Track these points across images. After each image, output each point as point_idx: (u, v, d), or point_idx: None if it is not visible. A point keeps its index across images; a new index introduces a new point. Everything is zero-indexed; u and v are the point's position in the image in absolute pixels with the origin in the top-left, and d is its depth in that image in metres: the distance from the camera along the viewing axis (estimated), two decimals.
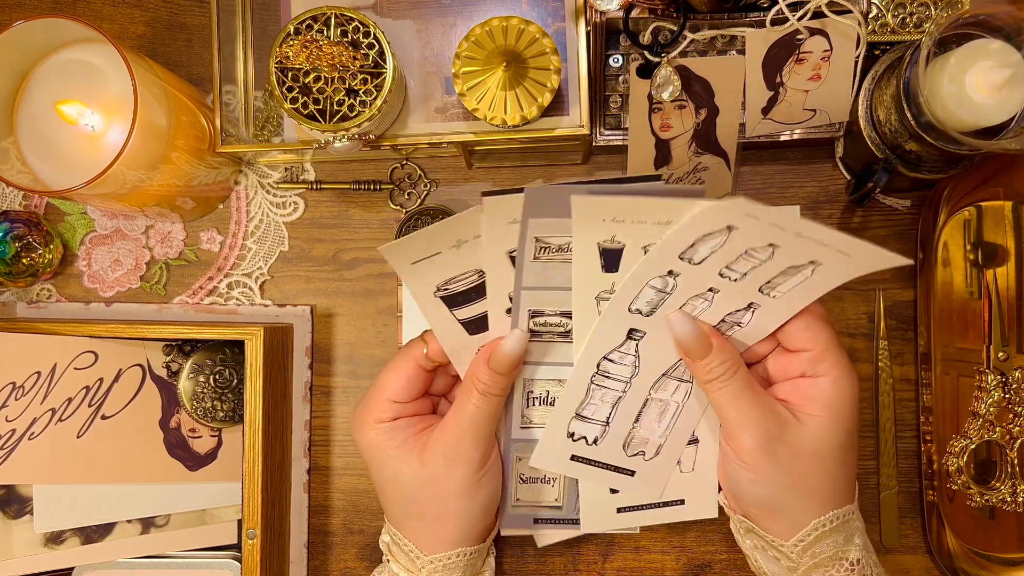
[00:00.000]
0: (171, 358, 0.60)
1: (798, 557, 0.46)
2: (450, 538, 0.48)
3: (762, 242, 0.43)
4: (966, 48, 0.49)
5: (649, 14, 0.54)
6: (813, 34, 0.53)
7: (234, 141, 0.57)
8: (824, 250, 0.42)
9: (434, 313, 0.47)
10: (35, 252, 0.60)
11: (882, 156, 0.56)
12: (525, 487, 0.53)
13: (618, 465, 0.51)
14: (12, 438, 0.55)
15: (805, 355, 0.46)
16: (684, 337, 0.46)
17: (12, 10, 0.64)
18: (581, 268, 0.46)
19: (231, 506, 0.61)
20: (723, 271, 0.45)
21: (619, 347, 0.48)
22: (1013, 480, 0.57)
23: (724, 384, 0.46)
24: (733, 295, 0.46)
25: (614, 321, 0.47)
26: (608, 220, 0.43)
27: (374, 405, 0.48)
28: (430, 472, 0.47)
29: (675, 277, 0.45)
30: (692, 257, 0.44)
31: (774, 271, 0.44)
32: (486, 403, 0.47)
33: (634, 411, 0.50)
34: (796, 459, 0.45)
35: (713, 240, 0.43)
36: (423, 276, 0.45)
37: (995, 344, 0.57)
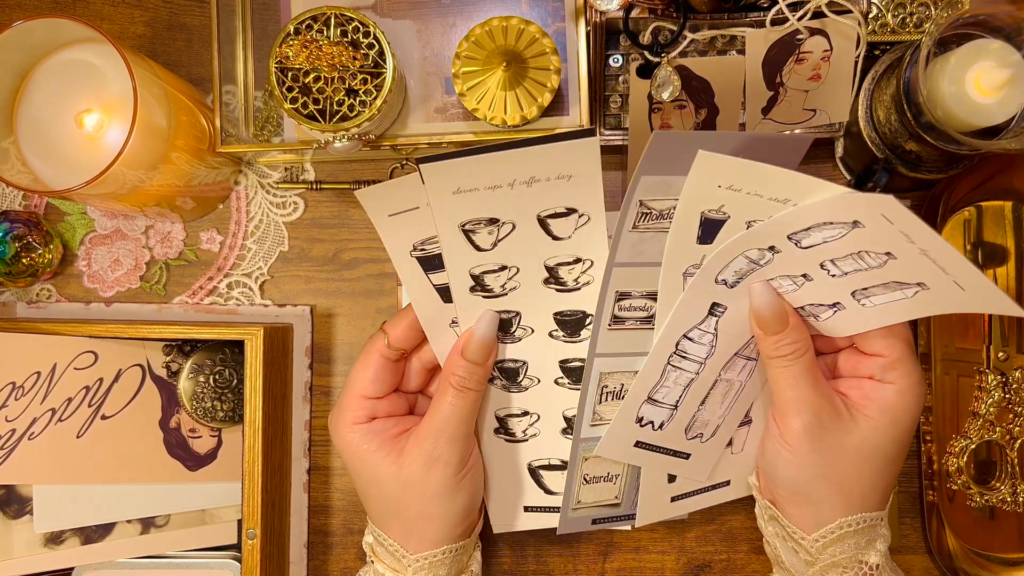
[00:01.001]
0: (171, 358, 0.60)
1: (817, 553, 0.46)
2: (433, 537, 0.48)
3: (881, 248, 0.42)
4: (966, 48, 0.49)
5: (649, 14, 0.54)
6: (813, 34, 0.53)
7: (234, 141, 0.57)
8: (940, 277, 0.42)
9: (409, 275, 0.46)
10: (35, 252, 0.60)
11: (882, 156, 0.56)
12: (587, 488, 0.52)
13: (677, 449, 0.51)
14: (12, 438, 0.55)
15: (879, 360, 0.46)
16: (764, 308, 0.46)
17: (12, 10, 0.64)
18: (676, 237, 0.44)
19: (231, 506, 0.61)
20: (825, 263, 0.44)
21: (700, 324, 0.47)
22: (1013, 480, 0.57)
23: (790, 363, 0.45)
24: (824, 289, 0.45)
25: (699, 294, 0.46)
26: (724, 187, 0.42)
27: (347, 405, 0.48)
28: (408, 476, 0.47)
29: (774, 254, 0.44)
30: (801, 240, 0.43)
31: (877, 280, 0.44)
32: (462, 399, 0.46)
33: (702, 393, 0.49)
34: (839, 453, 0.45)
35: (831, 230, 0.42)
36: (399, 231, 0.44)
37: (995, 344, 0.57)
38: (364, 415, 0.48)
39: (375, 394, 0.48)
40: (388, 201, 0.43)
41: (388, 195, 0.42)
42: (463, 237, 0.45)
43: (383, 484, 0.48)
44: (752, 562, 0.61)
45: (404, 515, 0.48)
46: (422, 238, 0.45)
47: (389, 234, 0.44)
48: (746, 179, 0.42)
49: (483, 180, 0.43)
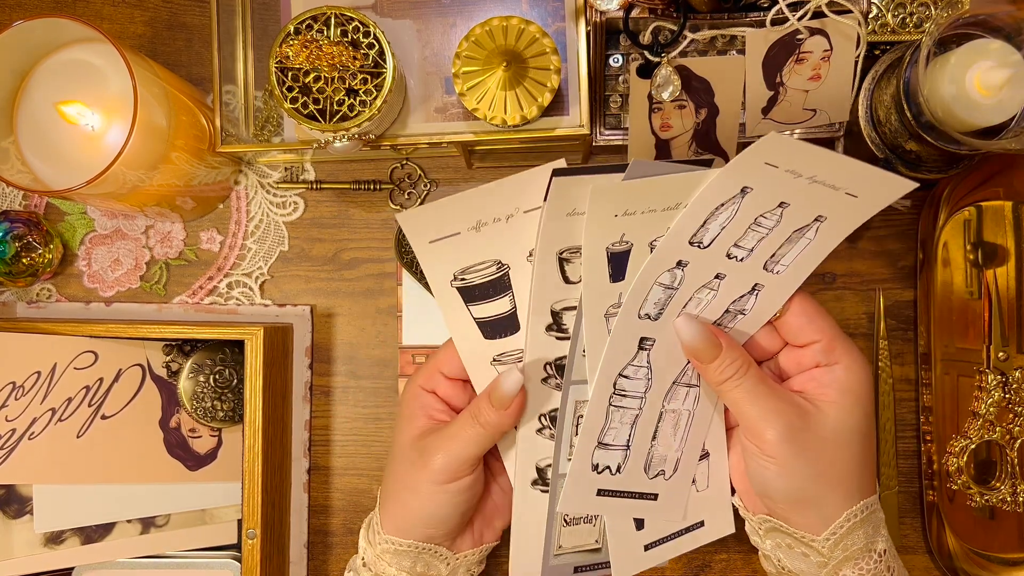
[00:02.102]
0: (171, 358, 0.60)
1: (830, 551, 0.46)
2: (401, 526, 0.48)
3: (773, 202, 0.43)
4: (966, 48, 0.49)
5: (649, 14, 0.54)
6: (813, 34, 0.53)
7: (234, 141, 0.57)
8: (834, 198, 0.43)
9: (450, 308, 0.45)
10: (35, 252, 0.60)
11: (882, 156, 0.56)
12: (568, 531, 0.51)
13: (642, 491, 0.50)
14: (12, 438, 0.55)
15: (816, 346, 0.47)
16: (693, 340, 0.46)
17: (12, 10, 0.64)
18: (589, 280, 0.44)
19: (231, 506, 0.61)
20: (731, 251, 0.45)
21: (632, 360, 0.47)
22: (1013, 480, 0.57)
23: (738, 382, 0.46)
24: (739, 279, 0.46)
25: (625, 332, 0.46)
26: (620, 215, 0.42)
27: (424, 371, 0.50)
28: (409, 456, 0.48)
29: (683, 268, 0.45)
30: (702, 240, 0.44)
31: (780, 240, 0.45)
32: (481, 435, 0.46)
33: (651, 428, 0.49)
34: (821, 447, 0.45)
35: (725, 212, 0.43)
36: (440, 258, 0.43)
37: (995, 344, 0.57)
38: (430, 383, 0.49)
39: (449, 374, 0.49)
40: (430, 225, 0.41)
41: (430, 219, 0.41)
42: (557, 265, 0.44)
43: (397, 449, 0.49)
44: (752, 562, 0.61)
45: (393, 487, 0.49)
46: (463, 266, 0.43)
47: (430, 261, 0.43)
48: (637, 200, 0.42)
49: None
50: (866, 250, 0.61)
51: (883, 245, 0.61)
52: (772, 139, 0.40)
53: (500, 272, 0.44)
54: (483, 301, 0.45)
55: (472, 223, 0.42)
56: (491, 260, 0.44)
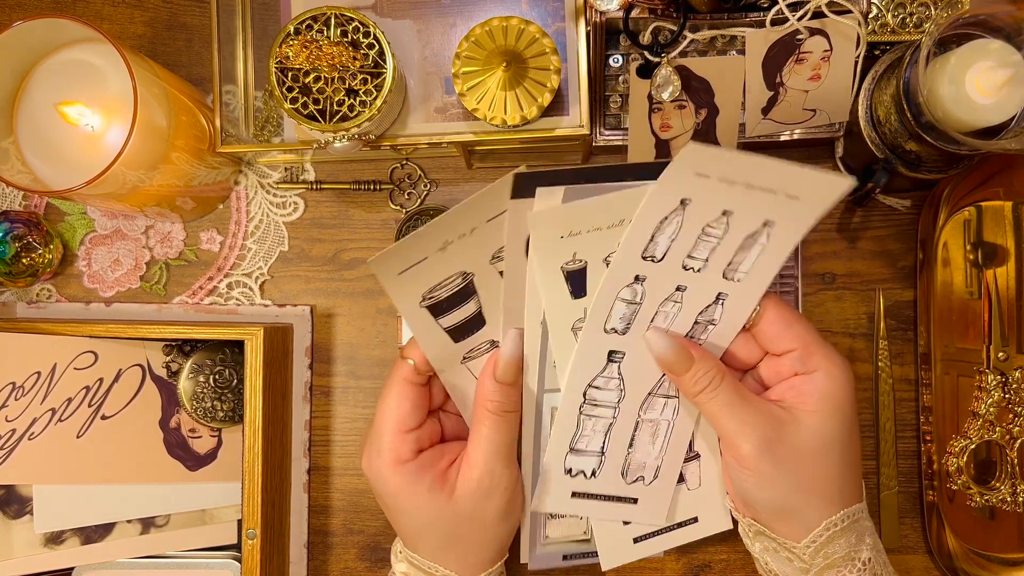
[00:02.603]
0: (171, 358, 0.60)
1: (811, 558, 0.46)
2: (490, 559, 0.48)
3: (715, 211, 0.42)
4: (966, 48, 0.49)
5: (649, 14, 0.54)
6: (813, 34, 0.53)
7: (234, 141, 0.57)
8: (774, 201, 0.42)
9: (420, 325, 0.46)
10: (35, 252, 0.60)
11: (882, 156, 0.56)
12: (554, 523, 0.52)
13: (620, 495, 0.50)
14: (12, 438, 0.55)
15: (794, 354, 0.46)
16: (664, 353, 0.46)
17: (12, 10, 0.64)
18: (551, 299, 0.45)
19: (231, 506, 0.61)
20: (686, 262, 0.45)
21: (602, 372, 0.47)
22: (1013, 480, 0.57)
23: (713, 394, 0.45)
24: (701, 289, 0.46)
25: (592, 346, 0.46)
26: (565, 236, 0.43)
27: (387, 443, 0.46)
28: (464, 510, 0.46)
29: (642, 283, 0.45)
30: (655, 254, 0.44)
31: (732, 247, 0.44)
32: (503, 422, 0.46)
33: (627, 436, 0.49)
34: (798, 457, 0.45)
35: (670, 226, 0.43)
36: (408, 287, 0.44)
37: (995, 344, 0.57)
38: (408, 451, 0.46)
39: (414, 425, 0.46)
40: (398, 261, 0.42)
41: (398, 254, 0.42)
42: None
43: (439, 523, 0.46)
44: (752, 562, 0.61)
45: (462, 546, 0.47)
46: (430, 286, 0.44)
47: (399, 292, 0.43)
48: (578, 221, 0.42)
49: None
50: (866, 250, 0.61)
51: (883, 245, 0.61)
52: (691, 149, 0.39)
53: (465, 281, 0.45)
54: (450, 311, 0.46)
55: (439, 245, 0.42)
56: (456, 273, 0.44)
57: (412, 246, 0.42)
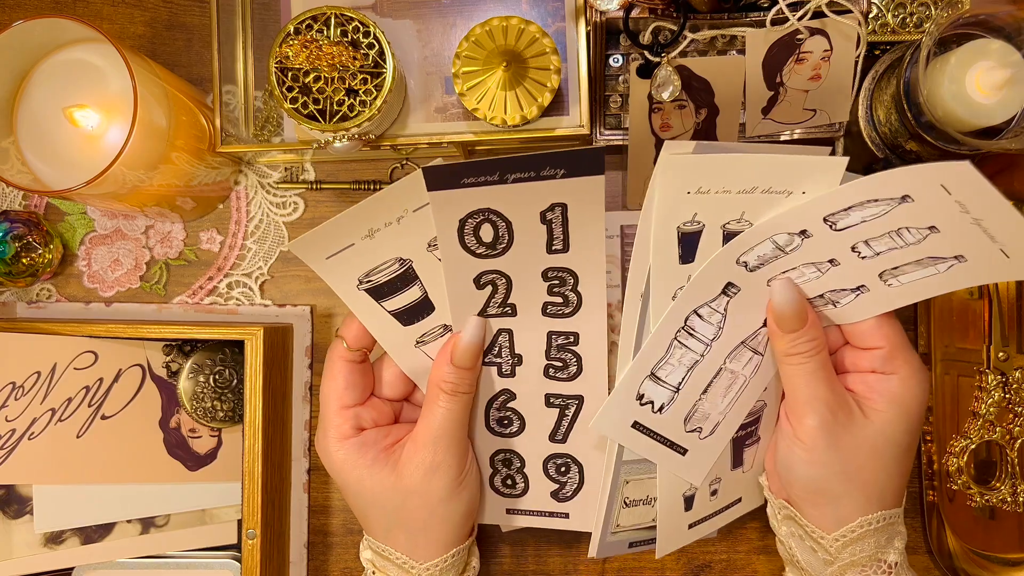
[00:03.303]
0: (171, 358, 0.60)
1: (837, 552, 0.46)
2: (442, 540, 0.48)
3: (926, 223, 0.42)
4: (966, 48, 0.49)
5: (649, 14, 0.54)
6: (813, 34, 0.53)
7: (234, 141, 0.57)
8: (985, 247, 0.41)
9: (362, 308, 0.46)
10: (35, 252, 0.60)
11: (882, 156, 0.56)
12: (627, 511, 0.51)
13: (674, 441, 0.49)
14: (12, 438, 0.55)
15: (877, 352, 0.46)
16: (785, 306, 0.45)
17: (12, 10, 0.64)
18: (659, 261, 0.44)
19: (231, 506, 0.61)
20: (858, 245, 0.44)
21: (711, 301, 0.46)
22: (1013, 480, 0.57)
23: (805, 361, 0.45)
24: (850, 273, 0.45)
25: (716, 271, 0.45)
26: (693, 192, 0.41)
27: (330, 422, 0.47)
28: (409, 486, 0.46)
29: (804, 238, 0.44)
30: (838, 222, 0.43)
31: (911, 257, 0.44)
32: (455, 403, 0.46)
33: (705, 380, 0.48)
34: (855, 448, 0.45)
35: (874, 208, 0.42)
36: (341, 270, 0.44)
37: (995, 344, 0.57)
38: (349, 427, 0.47)
39: (353, 401, 0.47)
40: (321, 245, 0.43)
41: (319, 239, 0.42)
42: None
43: (383, 498, 0.47)
44: (752, 562, 0.61)
45: (410, 525, 0.47)
46: (365, 270, 0.45)
47: (330, 275, 0.44)
48: (711, 177, 0.41)
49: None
50: None
51: None
52: (963, 169, 0.38)
53: (403, 267, 0.45)
54: (393, 295, 0.46)
55: (364, 232, 0.43)
56: (391, 259, 0.45)
57: (330, 233, 0.42)
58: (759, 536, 0.61)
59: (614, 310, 0.60)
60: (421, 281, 0.46)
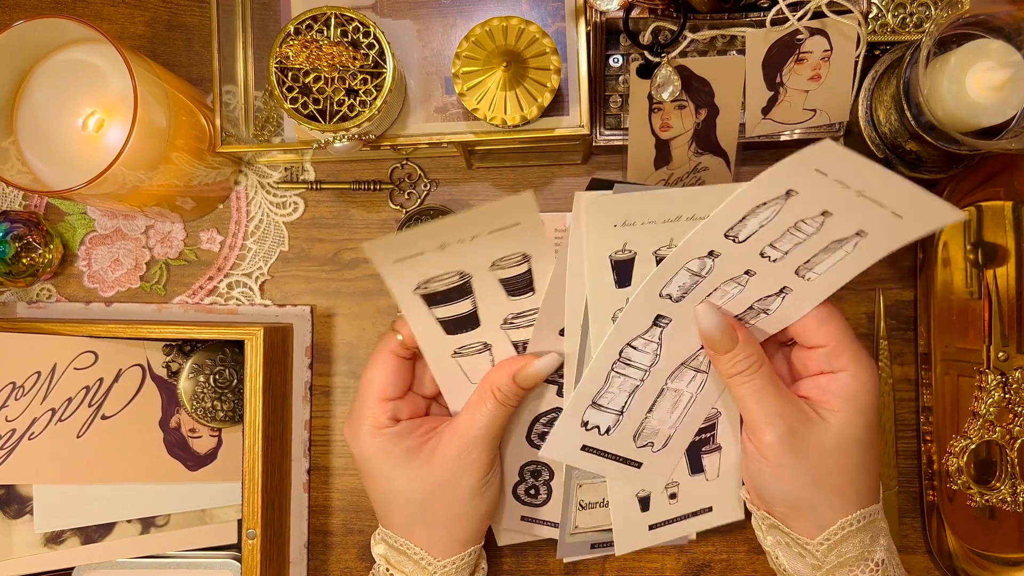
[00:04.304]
0: (171, 358, 0.60)
1: (823, 556, 0.46)
2: (460, 540, 0.48)
3: (816, 210, 0.43)
4: (966, 48, 0.49)
5: (649, 14, 0.54)
6: (813, 34, 0.53)
7: (234, 141, 0.57)
8: (878, 215, 0.42)
9: (412, 309, 0.47)
10: (35, 252, 0.60)
11: (882, 156, 0.56)
12: (584, 514, 0.53)
13: (627, 456, 0.51)
14: (12, 438, 0.55)
15: (822, 351, 0.47)
16: (711, 330, 0.46)
17: (12, 10, 0.64)
18: (595, 288, 0.46)
19: (231, 506, 0.61)
20: (765, 250, 0.45)
21: (644, 333, 0.47)
22: (1013, 480, 0.57)
23: (748, 378, 0.46)
24: (768, 278, 0.46)
25: (642, 306, 0.46)
26: (619, 225, 0.43)
27: (368, 410, 0.47)
28: (441, 477, 0.47)
29: (714, 259, 0.45)
30: (738, 234, 0.44)
31: (817, 247, 0.45)
32: (501, 411, 0.47)
33: (649, 401, 0.49)
34: (820, 455, 0.45)
35: (766, 211, 0.43)
36: (403, 273, 0.45)
37: (995, 344, 0.57)
38: (387, 418, 0.47)
39: (395, 395, 0.48)
40: (395, 250, 0.43)
41: (394, 245, 0.43)
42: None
43: (411, 488, 0.47)
44: (752, 562, 0.61)
45: (433, 519, 0.47)
46: (426, 277, 0.45)
47: (393, 276, 0.45)
48: (632, 211, 0.43)
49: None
50: None
51: None
52: (826, 146, 0.39)
53: (462, 280, 0.46)
54: (444, 304, 0.47)
55: (437, 244, 0.43)
56: (454, 271, 0.45)
57: (411, 240, 0.43)
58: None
59: None
60: (475, 297, 0.47)
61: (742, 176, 0.61)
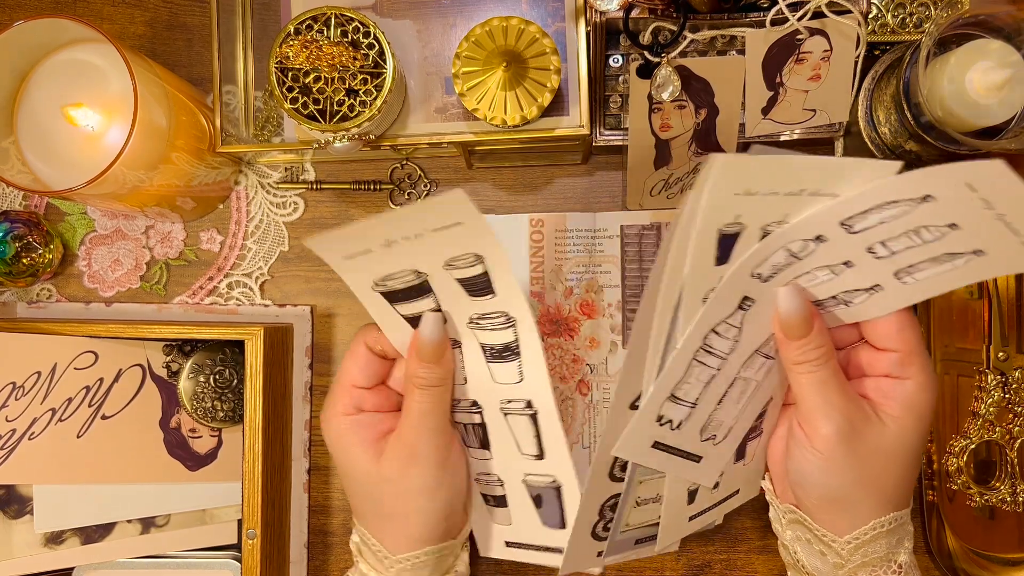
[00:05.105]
0: (171, 358, 0.60)
1: (849, 555, 0.46)
2: (414, 536, 0.48)
3: (945, 220, 0.41)
4: (966, 48, 0.49)
5: (649, 14, 0.54)
6: (813, 34, 0.53)
7: (234, 141, 0.57)
8: (1007, 241, 0.41)
9: (375, 306, 0.46)
10: (35, 252, 0.60)
11: (882, 156, 0.56)
12: (638, 510, 0.51)
13: (690, 451, 0.49)
14: (12, 438, 0.55)
15: (893, 356, 0.46)
16: (792, 314, 0.44)
17: (12, 10, 0.64)
18: (695, 262, 0.43)
19: (231, 506, 0.61)
20: (875, 246, 0.43)
21: (728, 318, 0.45)
22: (1013, 480, 0.57)
23: (815, 368, 0.45)
24: (865, 273, 0.44)
25: (733, 288, 0.44)
26: (741, 193, 0.41)
27: (338, 396, 0.48)
28: (386, 473, 0.47)
29: (819, 243, 0.43)
30: (854, 224, 0.42)
31: (928, 255, 0.43)
32: (428, 396, 0.46)
33: (721, 391, 0.47)
34: (872, 456, 0.45)
35: (893, 209, 0.41)
36: (359, 270, 0.44)
37: (995, 344, 0.57)
38: (352, 405, 0.48)
39: (362, 383, 0.48)
40: (339, 246, 0.43)
41: (336, 241, 0.43)
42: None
43: (363, 479, 0.48)
44: (752, 562, 0.61)
45: (382, 511, 0.48)
46: (381, 276, 0.45)
47: (348, 272, 0.45)
48: (763, 179, 0.40)
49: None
50: None
51: None
52: (996, 168, 0.37)
53: (419, 279, 0.45)
54: (407, 302, 0.46)
55: (381, 242, 0.43)
56: (408, 270, 0.45)
57: (351, 236, 0.42)
58: (759, 536, 0.61)
59: (614, 310, 0.60)
60: (435, 295, 0.46)
61: None
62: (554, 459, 0.50)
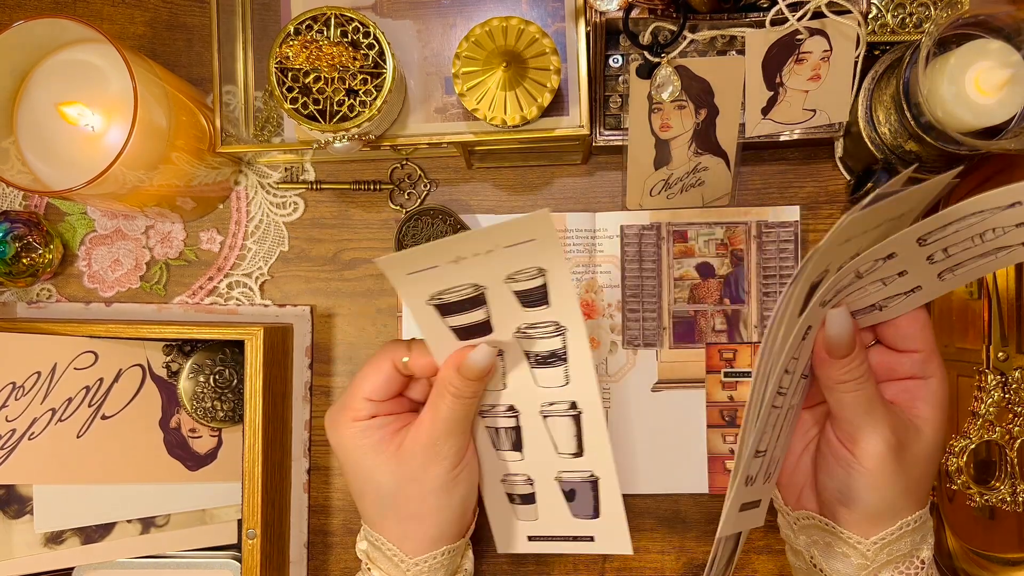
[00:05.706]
0: (171, 358, 0.60)
1: (875, 555, 0.45)
2: (430, 537, 0.48)
3: (1017, 221, 0.40)
4: (966, 48, 0.49)
5: (649, 14, 0.54)
6: (813, 34, 0.53)
7: (234, 141, 0.57)
8: None
9: (424, 319, 0.46)
10: (35, 252, 0.60)
11: (882, 156, 0.56)
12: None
13: (755, 499, 0.47)
14: (12, 438, 0.55)
15: (917, 356, 0.45)
16: (843, 335, 0.43)
17: (12, 10, 0.64)
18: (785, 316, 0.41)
19: (231, 506, 0.61)
20: (935, 255, 0.42)
21: (795, 353, 0.43)
22: (1013, 480, 0.57)
23: (859, 387, 0.43)
24: (912, 278, 0.43)
25: (804, 322, 0.42)
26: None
27: (350, 404, 0.48)
28: (407, 470, 0.47)
29: (888, 260, 0.42)
30: (928, 238, 0.41)
31: (981, 251, 0.42)
32: (459, 404, 0.47)
33: (779, 426, 0.45)
34: (915, 464, 0.44)
35: (976, 219, 0.40)
36: (417, 285, 0.44)
37: (995, 344, 0.57)
38: (365, 414, 0.48)
39: (380, 398, 0.48)
40: (408, 264, 0.43)
41: (407, 260, 0.42)
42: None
43: (380, 480, 0.47)
44: (752, 562, 0.61)
45: (401, 512, 0.48)
46: (439, 289, 0.45)
47: (406, 288, 0.44)
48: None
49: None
50: None
51: None
52: None
53: (477, 292, 0.45)
54: (458, 314, 0.46)
55: (451, 258, 0.43)
56: (468, 283, 0.44)
57: (425, 255, 0.42)
58: (759, 536, 0.61)
59: (613, 310, 0.61)
60: (488, 307, 0.46)
61: (742, 176, 0.61)
62: (594, 454, 0.50)
